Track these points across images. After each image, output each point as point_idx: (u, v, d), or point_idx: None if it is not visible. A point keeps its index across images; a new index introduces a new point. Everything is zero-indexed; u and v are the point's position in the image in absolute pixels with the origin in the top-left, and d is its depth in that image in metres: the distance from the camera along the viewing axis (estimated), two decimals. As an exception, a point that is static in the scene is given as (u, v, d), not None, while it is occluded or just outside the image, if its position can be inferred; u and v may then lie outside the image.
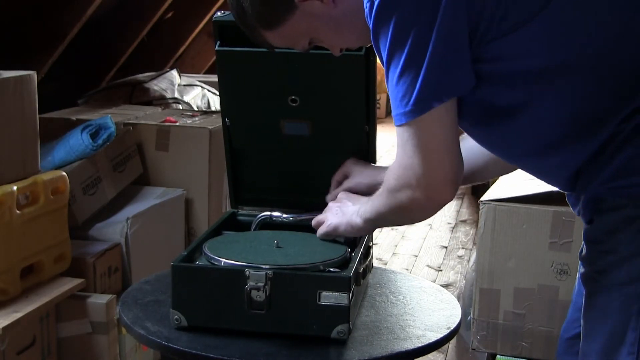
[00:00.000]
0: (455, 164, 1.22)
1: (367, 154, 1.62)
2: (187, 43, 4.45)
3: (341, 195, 1.55)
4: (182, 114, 3.08)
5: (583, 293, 1.37)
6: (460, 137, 1.27)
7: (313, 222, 1.54)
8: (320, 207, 1.64)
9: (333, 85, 1.56)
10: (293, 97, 1.56)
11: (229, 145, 1.67)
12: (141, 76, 3.65)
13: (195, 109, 3.56)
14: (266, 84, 1.59)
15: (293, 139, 1.63)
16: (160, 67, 4.03)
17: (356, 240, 1.54)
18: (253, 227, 1.64)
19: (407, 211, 1.29)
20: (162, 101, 3.47)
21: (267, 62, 1.55)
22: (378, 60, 1.45)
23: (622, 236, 1.21)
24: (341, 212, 1.50)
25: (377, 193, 1.36)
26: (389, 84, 1.21)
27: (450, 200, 1.23)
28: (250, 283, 1.31)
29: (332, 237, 1.51)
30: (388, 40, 1.18)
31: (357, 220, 1.44)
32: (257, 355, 1.29)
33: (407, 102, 1.18)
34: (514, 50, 1.18)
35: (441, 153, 1.20)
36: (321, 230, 1.52)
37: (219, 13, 1.55)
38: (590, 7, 1.18)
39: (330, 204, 1.54)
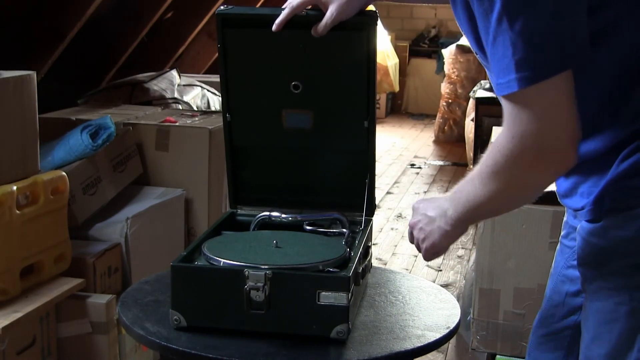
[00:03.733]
0: (577, 124, 1.13)
1: (367, 152, 1.62)
2: (187, 43, 4.45)
3: (416, 205, 1.42)
4: (182, 114, 3.08)
5: (565, 292, 1.36)
6: None
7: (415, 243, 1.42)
8: (320, 206, 1.65)
9: (335, 69, 1.56)
10: (295, 82, 1.56)
11: (230, 143, 1.67)
12: (141, 76, 3.65)
13: (195, 109, 3.56)
14: (269, 67, 1.59)
15: (294, 135, 1.63)
16: (160, 67, 4.03)
17: (355, 240, 1.54)
18: (252, 227, 1.64)
19: (523, 188, 1.19)
20: (162, 101, 3.47)
21: (270, 43, 1.55)
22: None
23: (635, 239, 1.19)
24: (426, 229, 1.36)
25: (466, 183, 1.25)
26: (496, 44, 1.10)
27: (573, 164, 1.15)
28: (250, 283, 1.32)
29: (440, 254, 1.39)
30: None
31: (447, 228, 1.31)
32: (256, 355, 1.29)
33: (525, 67, 1.08)
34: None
35: (564, 116, 1.12)
36: (426, 259, 1.40)
37: (221, 7, 1.56)
38: None
39: (411, 223, 1.41)
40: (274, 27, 1.48)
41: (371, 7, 1.55)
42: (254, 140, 1.68)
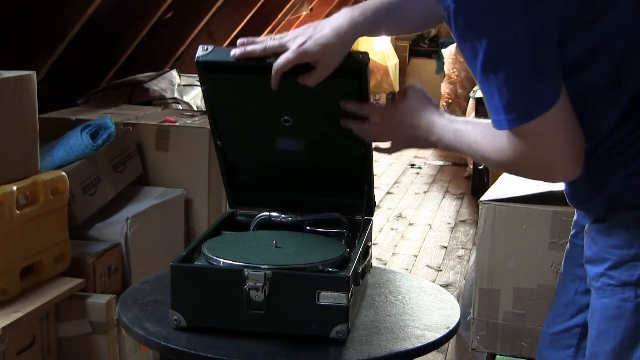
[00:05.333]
0: (578, 143, 1.19)
1: (366, 152, 1.60)
2: (187, 43, 4.45)
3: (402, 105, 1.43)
4: (182, 114, 3.08)
5: (575, 290, 1.37)
6: None
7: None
8: (320, 207, 1.64)
9: (326, 107, 1.50)
10: (286, 117, 1.52)
11: (223, 160, 1.65)
12: (141, 76, 3.65)
13: (195, 109, 3.56)
14: (257, 106, 1.54)
15: (289, 152, 1.60)
16: (160, 67, 4.03)
17: (355, 240, 1.54)
18: (252, 227, 1.64)
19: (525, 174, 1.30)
20: (161, 101, 3.47)
21: (256, 86, 1.49)
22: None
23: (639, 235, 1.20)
24: (404, 137, 1.43)
25: (464, 137, 1.30)
26: (483, 87, 1.18)
27: (576, 177, 1.21)
28: (249, 283, 1.32)
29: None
30: (483, 46, 1.13)
31: (422, 147, 1.42)
32: (256, 355, 1.29)
33: (512, 110, 1.15)
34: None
35: (561, 142, 1.18)
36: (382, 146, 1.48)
37: (200, 50, 1.46)
38: None
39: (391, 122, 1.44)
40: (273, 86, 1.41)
41: None
42: (248, 157, 1.65)
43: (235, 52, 1.41)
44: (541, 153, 1.19)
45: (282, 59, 1.38)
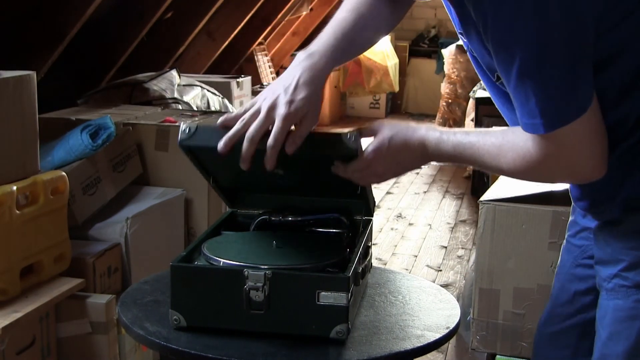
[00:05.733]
0: (604, 147, 1.19)
1: (362, 202, 1.59)
2: (186, 43, 4.46)
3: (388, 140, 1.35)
4: (182, 114, 3.08)
5: (574, 291, 1.37)
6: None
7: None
8: (320, 207, 1.64)
9: (317, 163, 1.47)
10: (277, 170, 1.46)
11: (219, 188, 1.64)
12: (141, 76, 3.65)
13: (195, 109, 3.56)
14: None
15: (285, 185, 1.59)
16: (160, 67, 4.03)
17: (355, 240, 1.54)
18: (252, 227, 1.64)
19: (539, 178, 1.31)
20: (161, 101, 3.48)
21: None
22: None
23: None
24: (394, 162, 1.37)
25: (471, 148, 1.27)
26: (518, 90, 1.16)
27: (601, 176, 1.21)
28: (249, 283, 1.31)
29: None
30: (520, 51, 1.13)
31: (420, 168, 1.38)
32: (256, 355, 1.29)
33: (549, 113, 1.15)
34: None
35: (590, 147, 1.18)
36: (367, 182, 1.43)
37: (182, 132, 1.41)
38: None
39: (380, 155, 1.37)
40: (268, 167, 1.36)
41: None
42: (244, 184, 1.64)
43: (241, 165, 1.36)
44: (571, 155, 1.19)
45: (275, 136, 1.31)
